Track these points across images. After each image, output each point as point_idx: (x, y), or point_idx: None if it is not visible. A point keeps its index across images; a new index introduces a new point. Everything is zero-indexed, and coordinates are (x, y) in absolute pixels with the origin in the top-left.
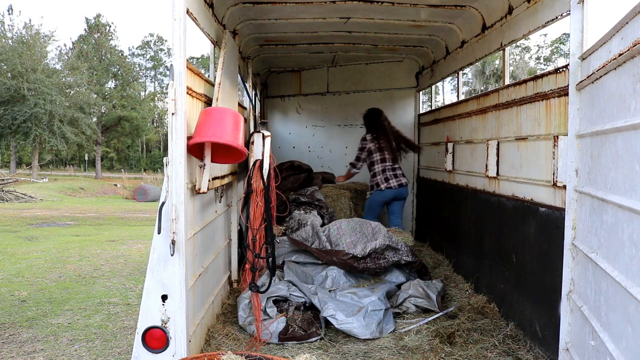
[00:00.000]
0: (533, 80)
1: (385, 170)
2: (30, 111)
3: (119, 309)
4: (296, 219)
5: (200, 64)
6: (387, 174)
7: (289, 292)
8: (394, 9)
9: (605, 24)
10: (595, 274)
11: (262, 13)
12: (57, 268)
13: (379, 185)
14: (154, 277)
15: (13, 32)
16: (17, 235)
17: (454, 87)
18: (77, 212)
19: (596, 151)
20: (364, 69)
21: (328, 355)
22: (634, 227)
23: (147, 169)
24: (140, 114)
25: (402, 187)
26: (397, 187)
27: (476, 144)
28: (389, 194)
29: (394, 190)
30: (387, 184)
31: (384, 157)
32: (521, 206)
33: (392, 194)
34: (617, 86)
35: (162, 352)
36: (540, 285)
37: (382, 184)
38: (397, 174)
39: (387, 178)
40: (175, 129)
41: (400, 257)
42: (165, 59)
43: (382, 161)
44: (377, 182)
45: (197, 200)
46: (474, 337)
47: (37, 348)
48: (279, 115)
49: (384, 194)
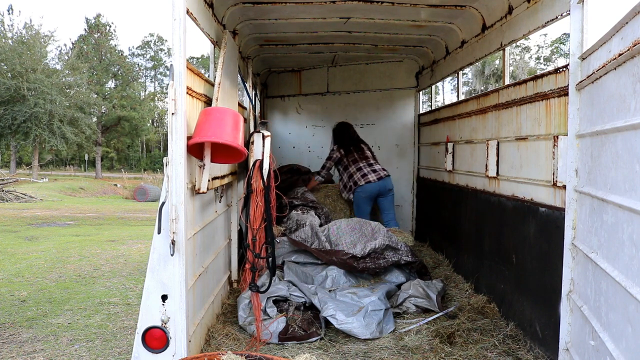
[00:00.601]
0: (533, 80)
1: (361, 169)
2: (30, 111)
3: (119, 309)
4: (294, 220)
5: (200, 64)
6: (363, 170)
7: (289, 292)
8: (394, 9)
9: (605, 24)
10: (595, 274)
11: (262, 13)
12: (57, 268)
13: (357, 183)
14: (154, 277)
15: (13, 32)
16: (17, 235)
17: (454, 87)
18: (77, 212)
19: (596, 151)
20: (364, 69)
21: (328, 355)
22: (634, 227)
23: (147, 169)
24: (139, 114)
25: (382, 179)
26: (376, 181)
27: (476, 144)
28: (371, 189)
29: (375, 184)
30: (366, 179)
31: (355, 158)
32: (521, 206)
33: (375, 188)
34: (617, 86)
35: (162, 352)
36: (540, 285)
37: (360, 180)
38: (376, 169)
39: (365, 174)
40: (175, 129)
41: (400, 257)
42: (165, 59)
43: (355, 162)
44: (354, 180)
45: (197, 200)
46: (474, 337)
47: (37, 348)
48: (279, 115)
49: (364, 188)
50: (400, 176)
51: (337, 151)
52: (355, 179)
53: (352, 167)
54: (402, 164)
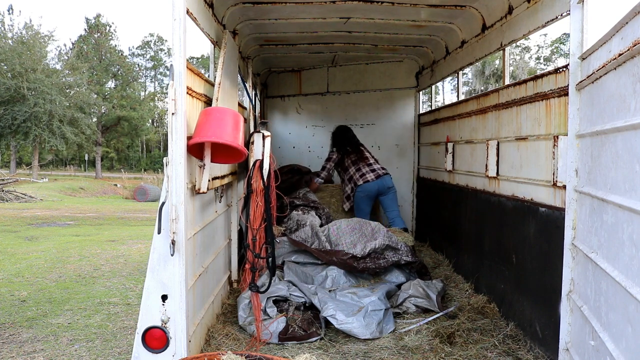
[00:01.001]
0: (533, 80)
1: (359, 169)
2: (30, 111)
3: (119, 309)
4: (295, 220)
5: (200, 64)
6: (362, 171)
7: (289, 292)
8: (394, 9)
9: (605, 24)
10: (595, 274)
11: (262, 13)
12: (57, 268)
13: (356, 184)
14: (154, 277)
15: (13, 32)
16: (17, 235)
17: (454, 87)
18: (77, 212)
19: (596, 151)
20: (364, 69)
21: (328, 355)
22: (634, 227)
23: (147, 169)
24: (139, 114)
25: (380, 177)
26: (375, 179)
27: (476, 144)
28: (370, 187)
29: (374, 183)
30: (364, 179)
31: (355, 159)
32: (521, 206)
33: (374, 187)
34: (617, 86)
35: (162, 352)
36: (540, 285)
37: (359, 180)
38: (374, 168)
39: (363, 174)
40: (175, 129)
41: (400, 257)
42: (165, 59)
43: (355, 163)
44: (354, 181)
45: (197, 200)
46: (474, 337)
47: (37, 348)
48: (279, 115)
49: (364, 187)
50: (400, 176)
51: (335, 152)
52: (354, 180)
53: (352, 169)
54: (402, 164)
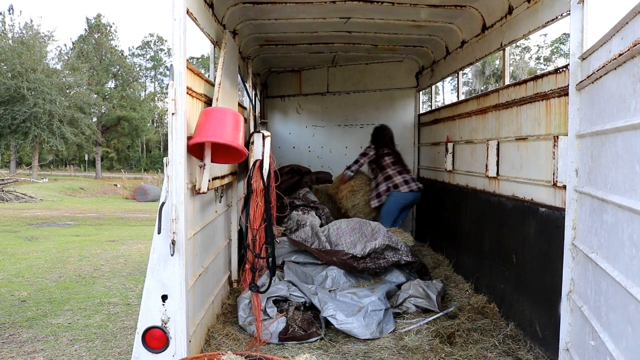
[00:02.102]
0: (533, 80)
1: (402, 173)
2: (30, 111)
3: (119, 309)
4: (295, 220)
5: (200, 64)
6: (405, 177)
7: (289, 292)
8: (394, 9)
9: (605, 24)
10: (595, 274)
11: (262, 13)
12: (57, 268)
13: (397, 187)
14: (154, 277)
15: (13, 32)
16: (17, 235)
17: (454, 87)
18: (77, 212)
19: (596, 151)
20: (364, 69)
21: (328, 355)
22: (634, 227)
23: (147, 169)
24: (139, 114)
25: (419, 191)
26: (417, 191)
27: (476, 144)
28: (410, 198)
29: (415, 194)
30: (409, 187)
31: (394, 160)
32: (521, 206)
33: (412, 198)
34: (617, 86)
35: (162, 352)
36: (540, 285)
37: (402, 186)
38: (414, 179)
39: (407, 181)
40: (175, 129)
41: (400, 257)
42: (165, 59)
43: (394, 164)
44: (395, 183)
45: (197, 200)
46: (474, 337)
47: (37, 348)
48: (279, 115)
49: (406, 196)
50: None
51: (373, 149)
52: (395, 182)
53: (390, 170)
54: None
